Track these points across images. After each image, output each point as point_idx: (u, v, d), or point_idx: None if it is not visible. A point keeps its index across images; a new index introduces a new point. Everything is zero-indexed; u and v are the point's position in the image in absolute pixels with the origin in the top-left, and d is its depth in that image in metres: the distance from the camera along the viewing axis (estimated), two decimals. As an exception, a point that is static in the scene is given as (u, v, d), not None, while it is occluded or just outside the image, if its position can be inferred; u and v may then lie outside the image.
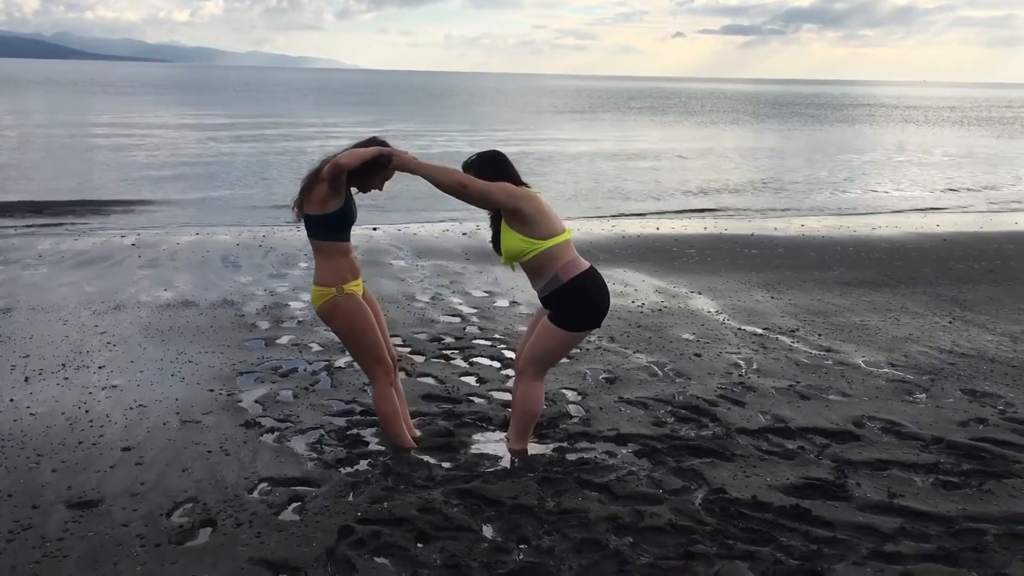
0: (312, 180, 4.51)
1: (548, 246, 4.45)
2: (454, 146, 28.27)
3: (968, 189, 21.91)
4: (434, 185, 4.42)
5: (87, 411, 5.46)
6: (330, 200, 4.49)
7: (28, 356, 6.53)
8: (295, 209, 4.65)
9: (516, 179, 4.55)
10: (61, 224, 13.71)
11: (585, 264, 4.57)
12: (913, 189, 21.77)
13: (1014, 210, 18.18)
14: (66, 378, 6.08)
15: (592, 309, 4.56)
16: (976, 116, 67.62)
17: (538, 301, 4.75)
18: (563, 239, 4.51)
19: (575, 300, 4.52)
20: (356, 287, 4.72)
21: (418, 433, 5.15)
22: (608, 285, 4.76)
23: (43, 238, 11.96)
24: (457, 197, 4.43)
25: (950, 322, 8.18)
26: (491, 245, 4.77)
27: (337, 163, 4.36)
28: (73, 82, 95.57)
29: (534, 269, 4.54)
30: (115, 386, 5.93)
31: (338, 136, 31.59)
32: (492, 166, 4.54)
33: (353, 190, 4.66)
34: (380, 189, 4.67)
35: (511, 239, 4.48)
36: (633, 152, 30.21)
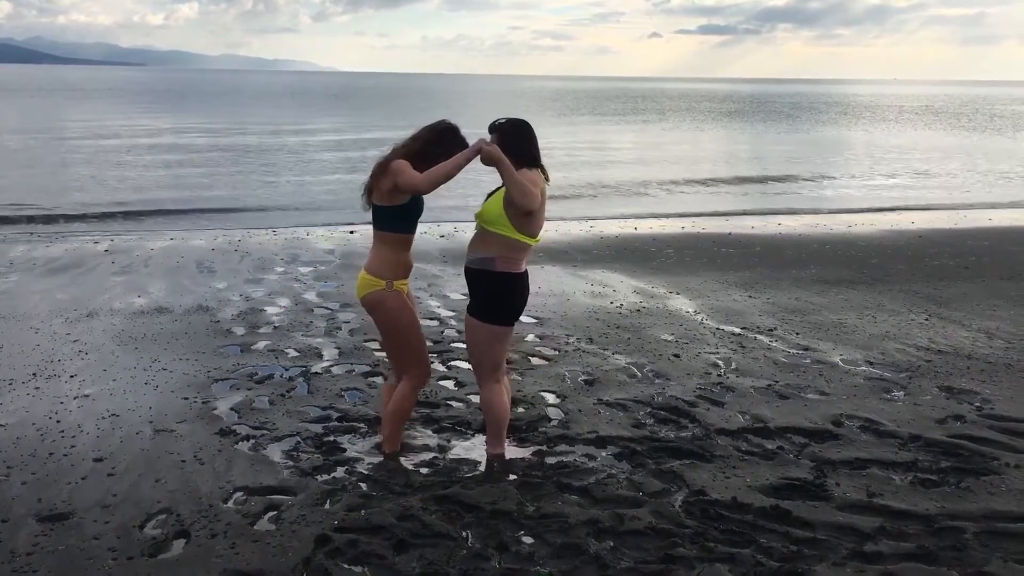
0: (381, 173, 4.50)
1: (513, 237, 4.46)
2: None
3: (943, 185, 22.11)
4: (506, 183, 4.33)
5: (58, 421, 5.36)
6: (398, 194, 4.51)
7: (-2, 366, 6.43)
8: (364, 197, 4.64)
9: (536, 154, 4.52)
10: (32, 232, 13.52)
11: (522, 268, 4.59)
12: (891, 188, 21.93)
13: (988, 207, 18.34)
14: (37, 388, 5.97)
15: (504, 307, 4.58)
16: (953, 112, 68.29)
17: None
18: (529, 242, 4.52)
19: (492, 291, 4.55)
20: (403, 285, 4.71)
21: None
22: (586, 286, 4.75)
23: (14, 245, 11.78)
24: (516, 198, 4.32)
25: (926, 319, 8.22)
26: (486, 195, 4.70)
27: (416, 188, 4.39)
28: (45, 89, 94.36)
29: (485, 240, 4.53)
30: (87, 395, 5.84)
31: (328, 144, 31.46)
32: (520, 134, 4.51)
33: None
34: None
35: (496, 208, 4.47)
36: (611, 152, 30.26)
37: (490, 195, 4.62)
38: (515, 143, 4.46)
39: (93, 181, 19.43)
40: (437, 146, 4.53)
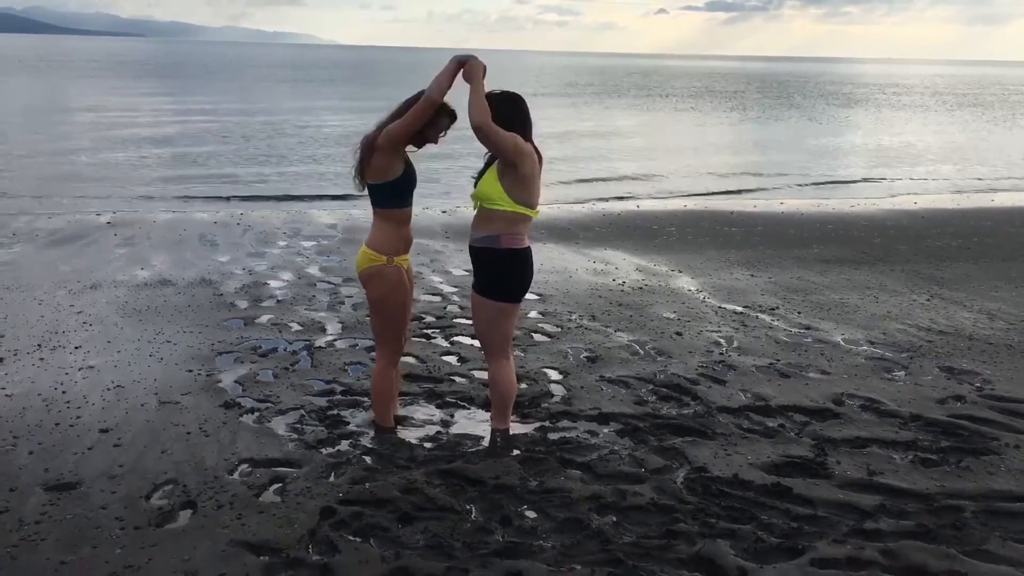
0: (369, 151, 4.51)
1: (513, 210, 4.48)
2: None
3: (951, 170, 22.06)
4: (469, 106, 4.34)
5: (64, 392, 5.39)
6: (392, 167, 4.52)
7: (3, 336, 6.44)
8: (357, 180, 4.66)
9: (528, 131, 4.50)
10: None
11: (526, 243, 4.61)
12: (900, 173, 21.87)
13: (991, 188, 18.31)
14: (42, 359, 6.00)
15: (511, 283, 4.60)
16: (962, 93, 67.92)
17: None
18: (528, 213, 4.54)
19: (499, 269, 4.56)
20: (403, 260, 4.74)
21: (400, 412, 5.13)
22: (589, 264, 4.76)
23: (17, 216, 11.77)
24: (475, 130, 4.34)
25: (928, 299, 8.24)
26: (473, 179, 4.70)
27: (425, 104, 4.37)
28: (38, 62, 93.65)
29: (486, 218, 4.55)
30: (92, 367, 5.86)
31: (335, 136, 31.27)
32: (510, 106, 4.50)
33: (410, 149, 4.63)
34: (435, 143, 4.67)
35: (492, 184, 4.48)
36: (616, 133, 30.15)
37: (481, 173, 4.62)
38: (505, 114, 4.44)
39: (95, 173, 19.00)
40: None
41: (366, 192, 4.68)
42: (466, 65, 4.43)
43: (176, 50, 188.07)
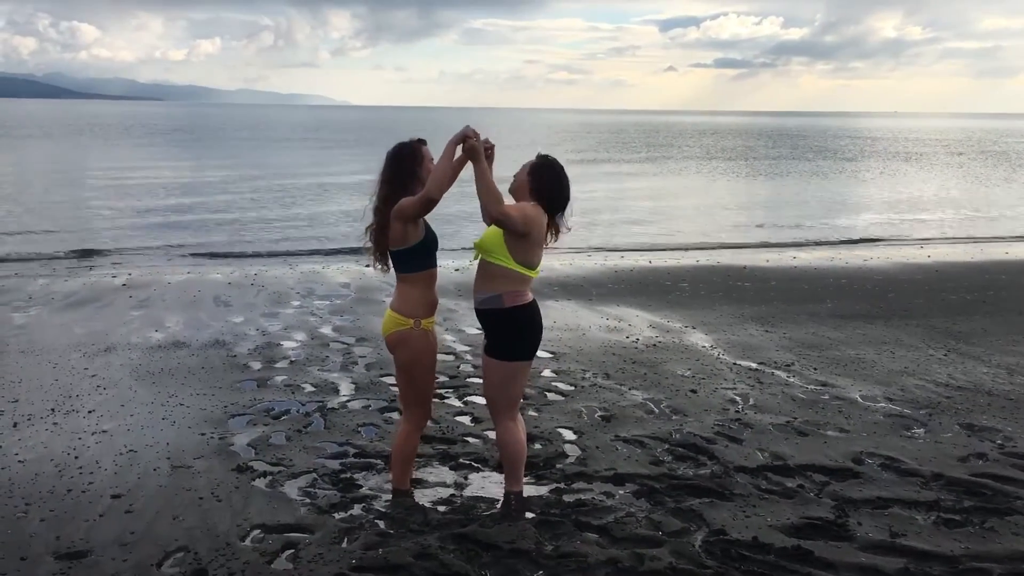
0: (383, 226, 4.52)
1: (513, 268, 4.47)
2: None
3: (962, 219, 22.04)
4: (481, 199, 4.35)
5: (76, 457, 5.37)
6: (411, 233, 4.51)
7: (17, 401, 6.45)
8: (376, 261, 4.68)
9: (552, 196, 4.52)
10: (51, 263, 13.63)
11: (529, 298, 4.59)
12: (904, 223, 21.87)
13: (1005, 241, 18.25)
14: (55, 423, 5.99)
15: (522, 341, 4.58)
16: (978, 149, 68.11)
17: None
18: (528, 274, 4.54)
19: (508, 328, 4.54)
20: (430, 323, 4.71)
21: (414, 475, 5.08)
22: (602, 320, 4.74)
23: (33, 279, 11.87)
24: (485, 216, 4.38)
25: (945, 354, 8.16)
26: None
27: (428, 196, 4.34)
28: (54, 124, 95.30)
29: (488, 275, 4.53)
30: (105, 431, 5.85)
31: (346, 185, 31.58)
32: (547, 172, 4.55)
33: None
34: None
35: (495, 236, 4.47)
36: (627, 189, 30.33)
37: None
38: (538, 179, 4.50)
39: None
40: (401, 167, 4.53)
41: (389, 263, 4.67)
42: (464, 148, 4.40)
43: (193, 113, 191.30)
